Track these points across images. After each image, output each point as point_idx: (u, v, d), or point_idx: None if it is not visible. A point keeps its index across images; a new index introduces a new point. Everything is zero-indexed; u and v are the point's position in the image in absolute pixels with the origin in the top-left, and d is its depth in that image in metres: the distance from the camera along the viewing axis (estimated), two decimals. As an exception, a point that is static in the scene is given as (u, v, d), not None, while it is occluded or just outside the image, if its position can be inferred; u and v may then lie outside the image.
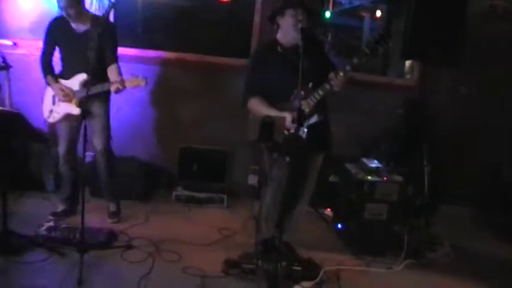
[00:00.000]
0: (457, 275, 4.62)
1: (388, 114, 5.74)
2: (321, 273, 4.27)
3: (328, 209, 5.64)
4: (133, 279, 3.97)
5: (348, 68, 3.87)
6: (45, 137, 4.06)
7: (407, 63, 6.07)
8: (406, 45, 5.02)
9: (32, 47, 5.68)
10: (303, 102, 3.92)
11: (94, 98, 4.60)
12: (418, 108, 5.64)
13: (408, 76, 6.04)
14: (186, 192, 5.67)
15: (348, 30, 9.36)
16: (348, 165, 5.09)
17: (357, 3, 8.98)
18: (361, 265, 4.64)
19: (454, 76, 5.76)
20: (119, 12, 5.80)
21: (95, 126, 4.79)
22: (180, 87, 5.92)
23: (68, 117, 4.73)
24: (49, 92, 4.81)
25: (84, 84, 4.51)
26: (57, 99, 4.76)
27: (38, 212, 4.89)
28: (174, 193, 5.67)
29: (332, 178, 5.54)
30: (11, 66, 5.36)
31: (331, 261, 4.56)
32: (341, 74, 3.88)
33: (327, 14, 9.00)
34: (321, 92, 3.95)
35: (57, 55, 4.84)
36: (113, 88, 4.46)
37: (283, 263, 4.19)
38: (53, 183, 5.49)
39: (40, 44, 5.55)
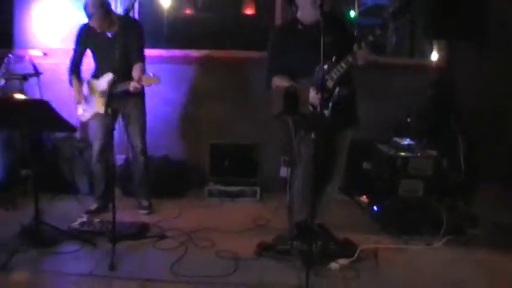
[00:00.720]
0: (499, 251, 4.41)
1: (417, 96, 5.60)
2: (358, 252, 4.16)
3: (364, 196, 5.51)
4: (166, 264, 3.96)
5: (370, 37, 3.81)
6: (72, 125, 4.07)
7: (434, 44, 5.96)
8: (431, 24, 4.99)
9: (62, 57, 5.69)
10: (327, 76, 3.88)
11: (127, 98, 4.76)
12: (446, 88, 5.53)
13: (435, 57, 5.91)
14: (218, 187, 5.65)
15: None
16: (380, 146, 5.00)
17: (381, 1, 8.91)
18: (398, 243, 4.50)
19: (482, 55, 5.62)
20: (143, 14, 5.89)
21: (132, 126, 4.95)
22: (207, 84, 5.96)
23: (97, 115, 4.84)
24: (83, 92, 4.97)
25: (112, 83, 4.56)
26: (89, 99, 4.90)
27: (71, 212, 4.91)
28: (206, 188, 5.64)
29: (366, 165, 5.42)
30: (41, 73, 5.47)
31: (367, 241, 4.44)
32: (363, 45, 3.82)
33: (352, 14, 9.06)
34: (344, 65, 3.89)
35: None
36: (131, 87, 4.57)
37: (319, 243, 4.11)
38: (87, 185, 5.53)
39: (68, 53, 5.76)
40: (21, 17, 5.81)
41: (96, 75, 4.91)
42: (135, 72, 4.68)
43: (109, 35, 4.77)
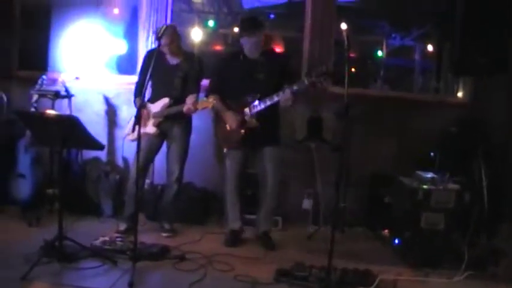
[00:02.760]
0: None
1: (441, 132, 5.60)
2: (377, 281, 4.13)
3: (386, 230, 5.47)
4: (185, 285, 3.98)
5: (294, 88, 4.53)
6: (101, 144, 4.18)
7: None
8: (456, 61, 5.02)
9: (93, 82, 6.02)
10: (246, 109, 4.77)
11: (174, 122, 5.00)
12: (471, 125, 5.52)
13: (460, 93, 5.93)
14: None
15: (400, 69, 9.38)
16: (402, 178, 4.99)
17: (408, 42, 9.02)
18: (419, 276, 4.45)
19: (508, 91, 5.63)
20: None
21: (173, 150, 5.09)
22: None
23: (145, 136, 4.90)
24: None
25: (167, 107, 4.95)
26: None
27: (94, 231, 4.95)
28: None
29: (388, 199, 5.41)
30: (72, 96, 5.64)
31: (388, 272, 4.41)
32: (287, 90, 4.55)
33: (379, 53, 9.19)
34: (267, 102, 4.67)
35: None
36: (185, 108, 4.81)
37: (338, 270, 4.13)
38: (111, 208, 5.61)
39: (101, 78, 5.94)
40: (57, 41, 5.99)
41: (151, 99, 5.11)
42: (190, 99, 4.90)
43: (173, 62, 5.04)
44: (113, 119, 6.01)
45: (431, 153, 5.31)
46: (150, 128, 5.01)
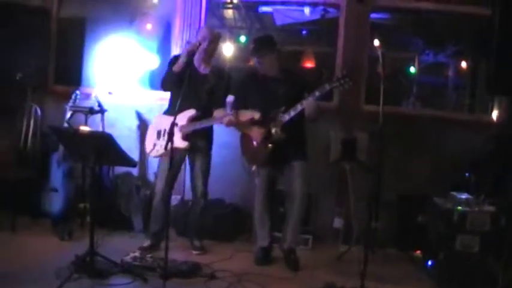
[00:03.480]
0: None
1: (476, 152, 5.50)
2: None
3: (418, 251, 5.38)
4: (215, 302, 3.94)
5: (316, 93, 4.50)
6: (134, 160, 4.20)
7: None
8: (491, 79, 4.92)
9: (126, 96, 6.09)
10: (272, 123, 4.70)
11: (197, 135, 4.87)
12: (507, 145, 5.40)
13: (495, 112, 5.82)
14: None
15: (433, 86, 9.29)
16: (437, 199, 4.90)
17: (442, 59, 8.92)
18: (452, 299, 4.36)
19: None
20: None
21: (198, 165, 5.02)
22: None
23: (174, 151, 4.76)
24: (153, 127, 5.04)
25: (192, 120, 4.79)
26: (162, 134, 4.90)
27: (125, 247, 4.96)
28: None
29: (421, 219, 5.32)
30: (105, 110, 5.69)
31: (420, 295, 4.32)
32: (310, 98, 4.52)
33: (412, 69, 9.12)
34: (291, 113, 4.61)
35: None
36: (225, 120, 4.73)
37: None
38: (141, 223, 5.60)
39: (133, 93, 6.01)
40: (91, 57, 6.09)
41: (172, 108, 4.84)
42: (219, 112, 4.88)
43: (202, 71, 4.93)
44: (145, 134, 5.93)
45: (467, 174, 5.19)
46: (180, 142, 4.72)
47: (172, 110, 4.72)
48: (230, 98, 5.15)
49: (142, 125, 6.03)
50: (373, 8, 5.93)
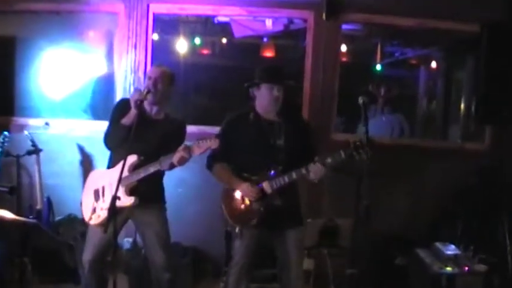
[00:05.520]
0: None
1: (459, 184, 5.05)
2: None
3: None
4: None
5: (328, 160, 3.64)
6: (68, 243, 3.53)
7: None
8: (479, 108, 4.50)
9: (65, 127, 5.41)
10: (266, 183, 3.76)
11: (147, 189, 3.91)
12: (494, 176, 4.96)
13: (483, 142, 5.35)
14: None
15: (402, 81, 8.77)
16: (420, 252, 4.43)
17: (410, 54, 8.38)
18: None
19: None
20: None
21: (151, 231, 4.04)
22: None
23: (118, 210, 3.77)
24: (90, 186, 4.12)
25: (135, 168, 3.85)
26: (101, 193, 4.02)
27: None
28: (223, 279, 5.04)
29: (399, 261, 4.86)
30: (40, 150, 5.00)
31: None
32: (318, 163, 3.64)
33: (378, 67, 8.54)
34: (294, 176, 3.72)
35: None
36: (176, 158, 3.73)
37: None
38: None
39: (73, 123, 5.33)
40: (23, 83, 5.40)
41: (111, 163, 4.03)
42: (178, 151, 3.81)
43: (154, 114, 4.04)
44: (88, 169, 5.30)
45: (450, 217, 4.75)
46: (125, 199, 3.74)
47: (114, 163, 3.99)
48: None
49: (85, 160, 5.38)
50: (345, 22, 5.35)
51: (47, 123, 5.30)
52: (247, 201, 3.84)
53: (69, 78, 5.36)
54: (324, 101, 5.22)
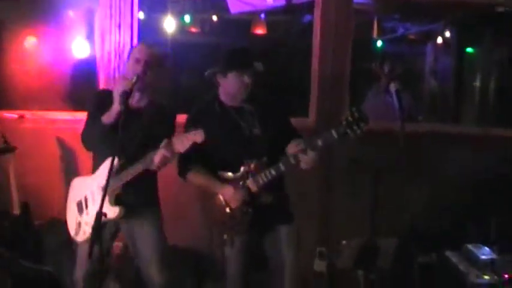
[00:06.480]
0: None
1: (486, 175, 4.57)
2: None
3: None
4: None
5: (319, 143, 3.15)
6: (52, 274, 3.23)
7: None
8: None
9: (41, 120, 4.85)
10: (250, 180, 3.32)
11: (135, 195, 3.38)
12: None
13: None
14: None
15: (407, 57, 8.26)
16: (451, 255, 3.94)
17: (413, 29, 7.84)
18: None
19: None
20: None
21: (143, 240, 3.51)
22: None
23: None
24: (72, 197, 3.57)
25: (117, 172, 3.24)
26: (84, 205, 3.47)
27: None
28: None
29: (423, 259, 4.39)
30: (14, 149, 4.42)
31: None
32: (311, 152, 3.17)
33: (378, 43, 8.00)
34: (281, 168, 3.25)
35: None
36: (157, 158, 3.14)
37: None
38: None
39: (49, 115, 4.82)
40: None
41: (95, 167, 3.46)
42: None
43: (136, 104, 3.41)
44: (70, 166, 4.76)
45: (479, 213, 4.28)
46: (109, 211, 3.15)
47: (94, 167, 3.45)
48: None
49: (66, 156, 4.80)
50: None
51: (20, 116, 4.74)
52: (232, 205, 3.40)
53: (44, 66, 4.86)
54: (335, 83, 4.70)
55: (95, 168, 3.45)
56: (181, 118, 3.54)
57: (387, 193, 4.47)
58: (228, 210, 3.42)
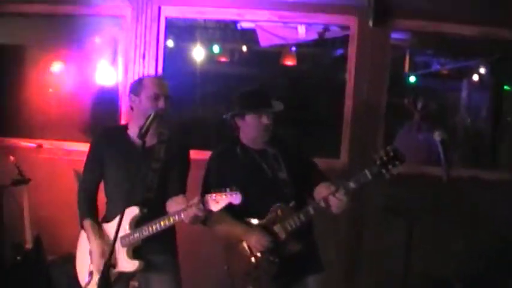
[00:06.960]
0: None
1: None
2: None
3: None
4: None
5: (351, 185, 2.95)
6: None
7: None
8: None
9: (58, 151, 4.76)
10: (278, 226, 3.13)
11: (154, 245, 3.14)
12: None
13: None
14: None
15: (439, 94, 8.04)
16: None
17: (448, 66, 7.61)
18: None
19: None
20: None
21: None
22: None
23: (118, 279, 3.16)
24: (84, 244, 3.30)
25: (137, 223, 3.07)
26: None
27: None
28: None
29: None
30: (28, 180, 4.28)
31: None
32: (342, 192, 2.95)
33: (411, 79, 7.79)
34: (311, 212, 3.08)
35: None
36: (187, 215, 2.88)
37: None
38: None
39: (66, 146, 4.70)
40: (13, 101, 4.81)
41: (106, 216, 3.25)
42: (176, 205, 3.05)
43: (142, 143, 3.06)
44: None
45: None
46: (127, 264, 3.05)
47: (108, 213, 3.22)
48: None
49: (84, 188, 4.62)
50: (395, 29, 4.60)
51: (38, 145, 4.66)
52: (257, 254, 3.18)
53: (65, 93, 4.73)
54: (370, 121, 4.49)
55: (107, 213, 3.24)
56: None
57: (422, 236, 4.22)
58: (253, 259, 3.19)
